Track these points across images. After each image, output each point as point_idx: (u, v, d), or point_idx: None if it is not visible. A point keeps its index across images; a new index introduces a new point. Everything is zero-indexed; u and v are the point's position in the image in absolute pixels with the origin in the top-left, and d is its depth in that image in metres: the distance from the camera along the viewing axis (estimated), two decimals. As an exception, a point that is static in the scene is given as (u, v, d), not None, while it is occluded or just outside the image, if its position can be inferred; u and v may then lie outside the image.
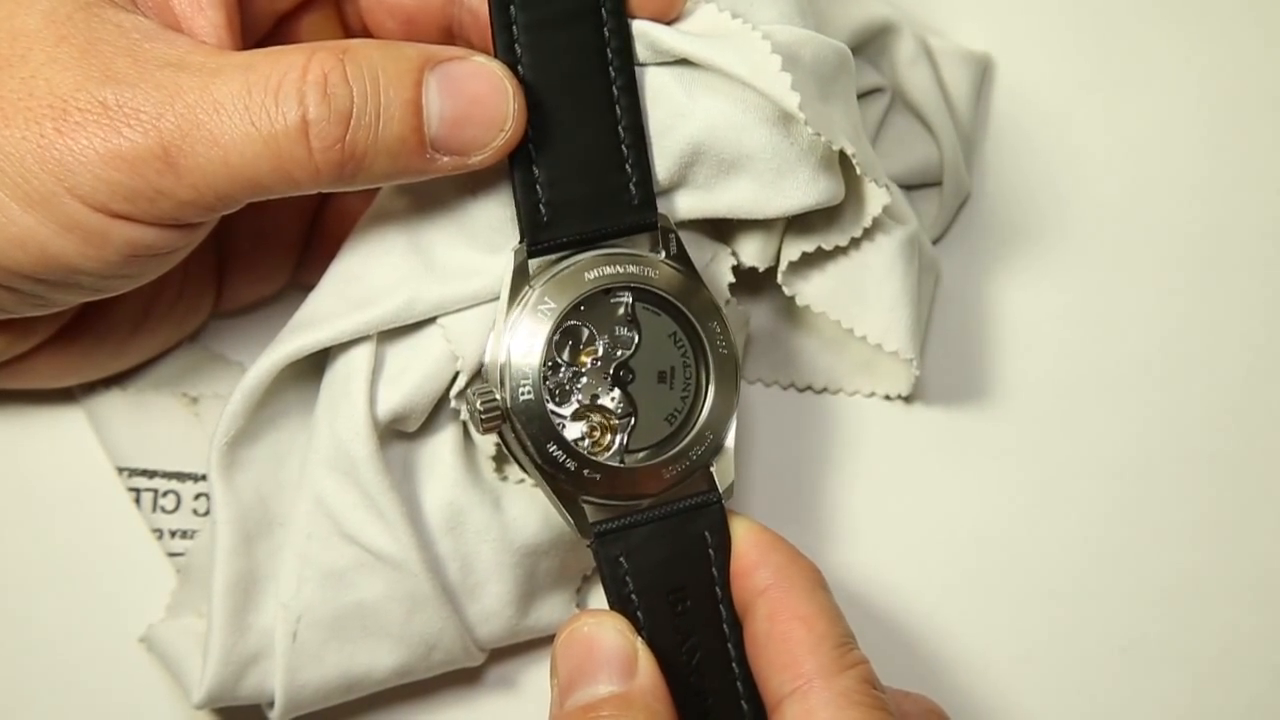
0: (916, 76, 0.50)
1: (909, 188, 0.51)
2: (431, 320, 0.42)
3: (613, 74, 0.41)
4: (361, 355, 0.42)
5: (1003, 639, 0.50)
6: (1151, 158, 0.52)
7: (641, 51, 0.41)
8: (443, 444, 0.44)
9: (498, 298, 0.41)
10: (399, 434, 0.44)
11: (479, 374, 0.42)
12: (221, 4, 0.39)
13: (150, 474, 0.48)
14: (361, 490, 0.42)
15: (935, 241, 0.51)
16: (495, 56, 0.40)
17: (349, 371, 0.42)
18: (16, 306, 0.40)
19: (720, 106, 0.41)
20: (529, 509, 0.44)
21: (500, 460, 0.44)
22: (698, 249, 0.44)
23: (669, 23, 0.42)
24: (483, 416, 0.39)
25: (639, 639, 0.39)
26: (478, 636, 0.45)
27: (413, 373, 0.42)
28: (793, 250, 0.44)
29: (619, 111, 0.41)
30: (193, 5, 0.39)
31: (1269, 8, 0.53)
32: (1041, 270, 0.52)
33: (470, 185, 0.42)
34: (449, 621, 0.43)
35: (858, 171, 0.41)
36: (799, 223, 0.45)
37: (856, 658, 0.39)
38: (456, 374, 0.42)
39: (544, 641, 0.48)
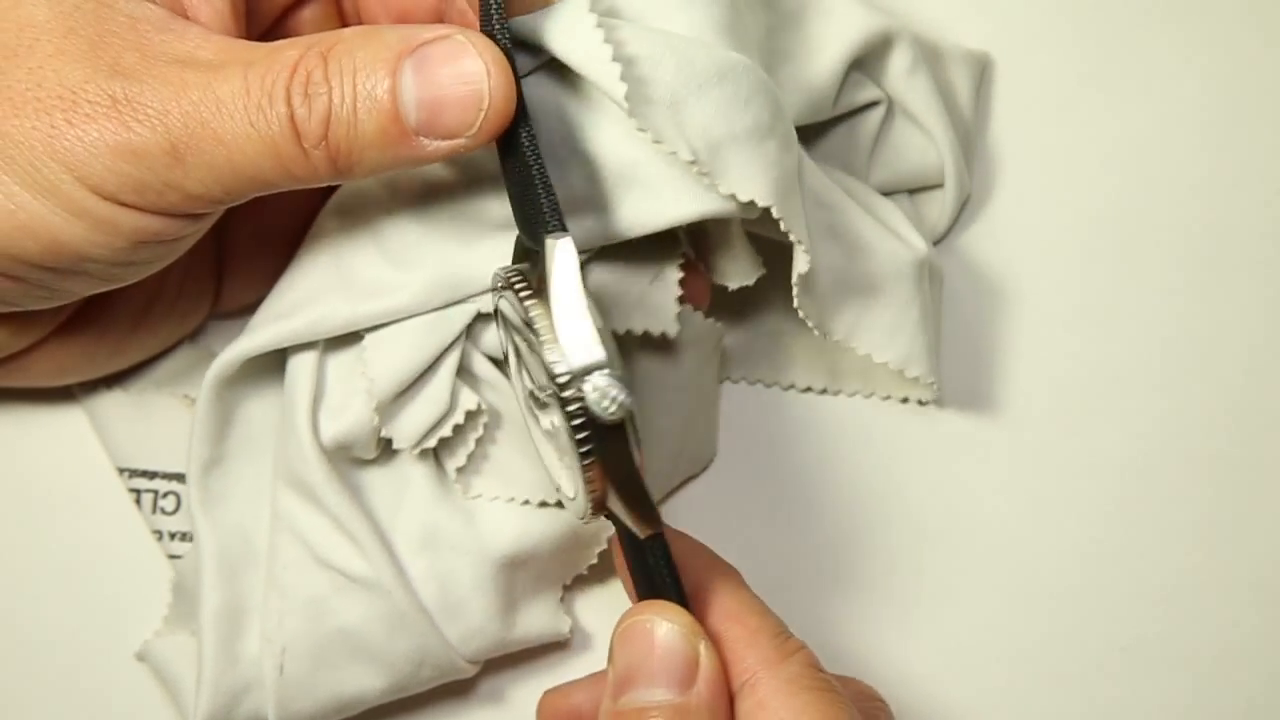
0: (914, 86, 0.49)
1: (912, 191, 0.51)
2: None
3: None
4: (303, 385, 0.42)
5: (1003, 639, 0.50)
6: (1151, 157, 0.52)
7: (524, 61, 0.40)
8: (408, 462, 0.44)
9: (410, 316, 0.41)
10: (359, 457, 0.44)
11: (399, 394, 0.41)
12: None
13: (150, 475, 0.48)
14: (328, 514, 0.42)
15: (938, 242, 0.51)
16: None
17: (293, 401, 0.42)
18: (21, 298, 0.40)
19: (599, 117, 0.40)
20: (502, 520, 0.44)
21: (466, 476, 0.44)
22: (636, 272, 0.43)
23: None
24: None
25: (703, 643, 0.37)
26: (465, 653, 0.45)
27: (354, 405, 0.42)
28: (794, 273, 0.42)
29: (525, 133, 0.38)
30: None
31: (1269, 8, 0.53)
32: (1041, 270, 0.52)
33: (387, 204, 0.42)
34: (430, 636, 0.43)
35: (707, 181, 0.39)
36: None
37: (795, 645, 0.38)
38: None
39: (534, 655, 0.48)
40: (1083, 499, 0.50)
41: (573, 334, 0.34)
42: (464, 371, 0.43)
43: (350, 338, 0.42)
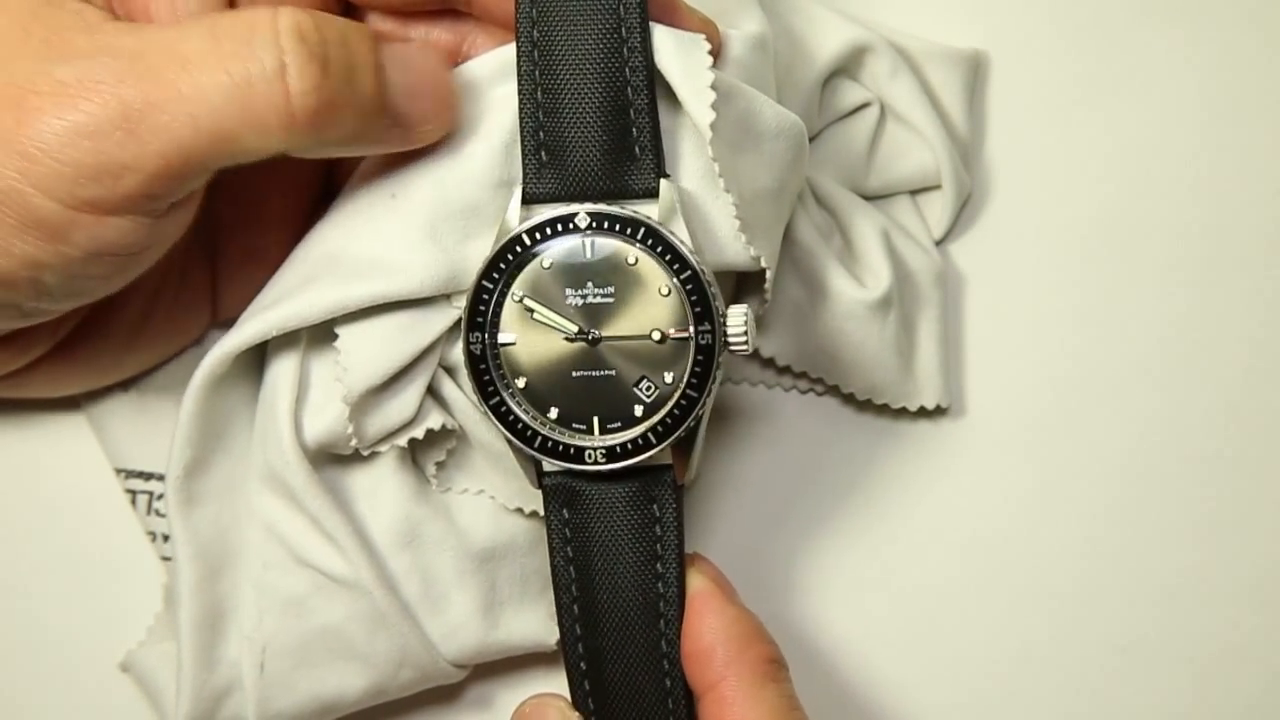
0: (899, 88, 0.50)
1: (914, 192, 0.51)
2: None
3: None
4: (285, 383, 0.42)
5: (1003, 639, 0.50)
6: (1150, 158, 0.52)
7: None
8: (386, 461, 0.43)
9: (398, 300, 0.40)
10: (339, 456, 0.43)
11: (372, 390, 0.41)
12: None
13: (147, 476, 0.48)
14: (307, 515, 0.42)
15: (939, 242, 0.51)
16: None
17: (274, 398, 0.42)
18: None
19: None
20: (479, 515, 0.44)
21: (443, 472, 0.44)
22: None
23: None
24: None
25: None
26: (446, 651, 0.44)
27: (335, 404, 0.41)
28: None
29: None
30: (169, 13, 0.38)
31: (1269, 8, 0.53)
32: (1040, 269, 0.52)
33: (387, 202, 0.41)
34: (411, 637, 0.43)
35: (744, 239, 0.41)
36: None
37: None
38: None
39: (522, 662, 0.48)
40: (1082, 499, 0.50)
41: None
42: (434, 391, 0.43)
43: (333, 338, 0.42)
